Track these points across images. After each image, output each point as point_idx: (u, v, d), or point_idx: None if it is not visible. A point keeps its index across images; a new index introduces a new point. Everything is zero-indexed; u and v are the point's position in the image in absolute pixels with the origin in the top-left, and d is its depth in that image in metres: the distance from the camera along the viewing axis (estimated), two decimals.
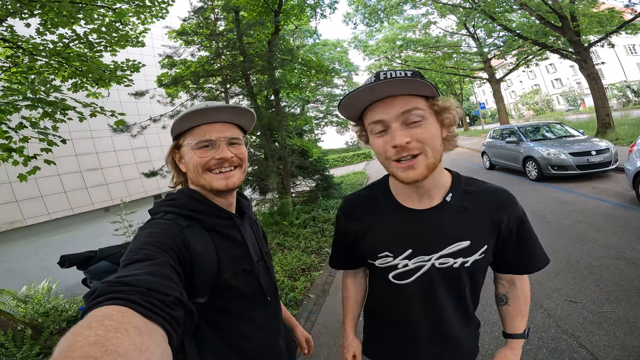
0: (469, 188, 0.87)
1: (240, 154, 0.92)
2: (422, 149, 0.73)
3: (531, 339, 2.48)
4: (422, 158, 0.74)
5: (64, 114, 3.79)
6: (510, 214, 0.84)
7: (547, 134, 8.67)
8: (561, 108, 36.94)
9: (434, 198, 0.85)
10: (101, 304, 0.46)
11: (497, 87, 18.89)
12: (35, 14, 3.49)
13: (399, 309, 0.93)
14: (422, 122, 0.73)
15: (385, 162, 0.78)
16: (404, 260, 0.86)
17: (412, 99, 0.73)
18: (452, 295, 0.88)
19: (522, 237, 0.87)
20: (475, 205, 0.84)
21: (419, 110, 0.72)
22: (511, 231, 0.85)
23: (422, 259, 0.85)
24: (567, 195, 6.05)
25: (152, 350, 0.40)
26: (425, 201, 0.85)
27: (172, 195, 0.90)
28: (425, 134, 0.73)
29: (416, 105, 0.73)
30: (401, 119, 0.73)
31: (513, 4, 12.30)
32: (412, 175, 0.74)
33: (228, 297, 0.87)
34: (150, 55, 10.01)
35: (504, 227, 0.84)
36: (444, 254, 0.83)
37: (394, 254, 0.87)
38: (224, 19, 6.89)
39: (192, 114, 0.84)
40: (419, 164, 0.74)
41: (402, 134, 0.72)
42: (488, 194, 0.86)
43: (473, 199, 0.85)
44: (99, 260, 0.93)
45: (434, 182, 0.83)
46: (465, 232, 0.82)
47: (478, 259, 0.83)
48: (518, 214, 0.85)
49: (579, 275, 3.26)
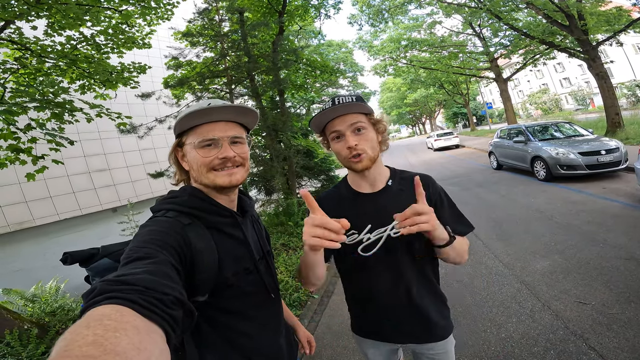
0: (404, 175, 1.19)
1: (242, 153, 0.91)
2: (363, 150, 1.05)
3: (539, 340, 2.45)
4: (365, 155, 1.05)
5: (72, 115, 3.83)
6: (434, 189, 1.15)
7: (556, 134, 8.57)
8: (570, 107, 36.46)
9: (379, 184, 1.15)
10: (100, 303, 0.46)
11: (504, 87, 18.71)
12: (42, 16, 3.53)
13: (369, 279, 1.14)
14: (364, 131, 1.06)
15: (344, 160, 1.08)
16: (366, 234, 1.05)
17: (357, 115, 1.06)
18: (411, 262, 1.11)
19: (442, 208, 1.14)
20: (409, 187, 1.09)
21: (361, 123, 1.05)
22: (435, 203, 1.12)
23: (380, 231, 1.03)
24: (576, 196, 5.97)
25: (151, 350, 0.40)
26: (373, 186, 1.15)
27: (174, 193, 0.91)
28: (367, 138, 1.06)
29: (359, 120, 1.05)
30: (351, 129, 1.05)
31: (519, 3, 12.18)
32: (360, 165, 1.06)
33: (229, 295, 0.86)
34: (156, 57, 10.11)
35: (430, 198, 1.11)
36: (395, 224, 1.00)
37: (359, 230, 1.06)
38: (228, 20, 6.92)
39: (195, 113, 0.84)
40: (363, 158, 1.05)
41: (353, 138, 1.04)
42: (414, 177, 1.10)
43: (406, 183, 1.14)
44: (101, 258, 0.93)
45: (376, 172, 1.13)
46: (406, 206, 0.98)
47: None
48: (437, 190, 1.15)
49: (589, 276, 3.21)
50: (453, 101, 36.23)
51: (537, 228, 4.71)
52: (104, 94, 4.86)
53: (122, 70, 4.65)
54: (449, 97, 34.38)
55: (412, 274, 1.12)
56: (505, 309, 2.92)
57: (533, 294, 3.08)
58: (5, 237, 9.04)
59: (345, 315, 3.39)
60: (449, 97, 34.51)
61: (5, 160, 3.69)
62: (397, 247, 1.09)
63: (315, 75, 9.62)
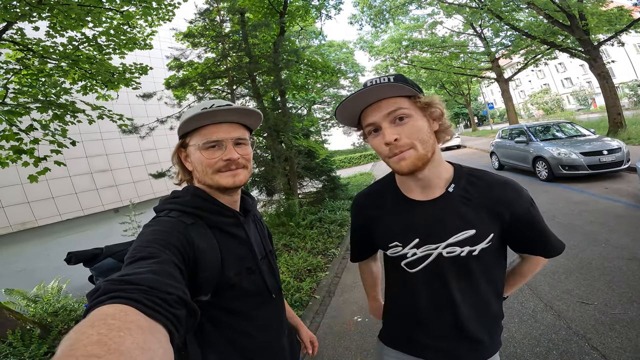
0: (472, 179, 0.90)
1: (246, 154, 0.92)
2: (411, 144, 0.80)
3: (541, 341, 2.44)
4: (412, 151, 0.80)
5: (74, 116, 3.84)
6: (516, 204, 0.86)
7: (558, 134, 8.55)
8: (571, 107, 36.39)
9: (436, 189, 0.89)
10: (104, 302, 0.46)
11: (505, 87, 18.68)
12: (43, 17, 3.55)
13: (411, 297, 0.96)
14: (408, 119, 0.80)
15: (384, 159, 0.85)
16: (412, 249, 0.90)
17: (396, 100, 0.81)
18: (464, 285, 0.90)
19: (532, 225, 0.88)
20: (479, 195, 0.87)
21: (402, 109, 0.80)
22: (520, 220, 0.86)
23: (429, 248, 0.88)
24: (579, 196, 5.95)
25: (155, 349, 0.40)
26: (427, 192, 0.90)
27: (176, 193, 0.91)
28: (412, 129, 0.80)
29: (399, 106, 0.80)
30: (388, 119, 0.80)
31: (520, 3, 12.15)
32: (404, 165, 0.81)
33: (231, 295, 0.87)
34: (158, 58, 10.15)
35: (510, 217, 0.85)
36: (451, 243, 0.86)
37: (403, 244, 0.92)
38: (229, 21, 6.94)
39: (200, 115, 0.84)
40: (409, 155, 0.80)
41: (391, 132, 0.79)
42: (492, 185, 0.88)
43: (476, 190, 0.88)
44: (105, 258, 0.93)
45: (433, 173, 0.87)
46: (469, 221, 0.85)
47: (485, 247, 0.86)
48: (524, 204, 0.86)
49: (591, 276, 3.20)
50: (454, 101, 36.16)
51: None
52: (106, 95, 4.88)
53: (123, 71, 4.66)
54: (450, 97, 34.31)
55: (464, 298, 0.90)
56: (507, 309, 2.91)
57: (535, 294, 3.07)
58: (8, 238, 9.08)
59: (346, 315, 3.39)
60: (450, 98, 34.43)
61: (6, 159, 3.70)
62: (450, 269, 0.89)
63: (317, 76, 9.62)
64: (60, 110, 3.38)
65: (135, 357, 0.36)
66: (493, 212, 0.85)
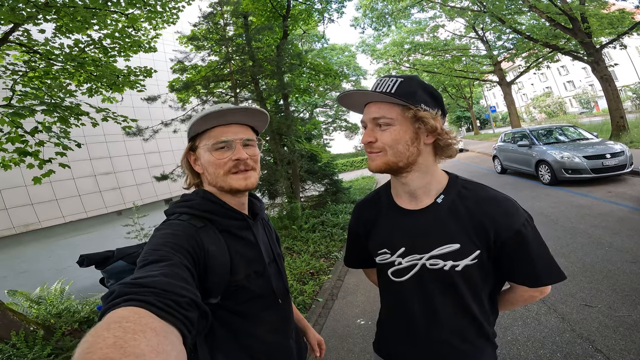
0: (464, 192, 0.87)
1: (254, 155, 0.93)
2: (383, 148, 0.84)
3: (545, 343, 2.44)
4: (381, 154, 0.85)
5: (78, 118, 3.87)
6: (503, 224, 0.80)
7: (560, 137, 8.53)
8: (574, 111, 36.28)
9: (424, 199, 0.89)
10: (119, 305, 0.48)
11: (507, 90, 18.69)
12: (49, 20, 3.58)
13: (397, 306, 0.96)
14: (387, 127, 0.83)
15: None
16: (398, 257, 0.91)
17: (385, 107, 0.83)
18: (449, 300, 0.87)
19: (518, 250, 0.81)
20: (468, 210, 0.84)
21: (385, 119, 0.83)
22: (505, 243, 0.81)
23: (414, 258, 0.88)
24: (582, 199, 5.93)
25: (168, 352, 0.41)
26: (415, 201, 0.91)
27: (187, 196, 0.93)
28: (388, 137, 0.83)
29: (384, 114, 0.83)
30: (373, 122, 0.85)
31: (522, 6, 12.17)
32: (371, 165, 0.88)
33: (240, 298, 0.88)
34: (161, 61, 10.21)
35: (494, 237, 0.81)
36: (434, 255, 0.85)
37: (391, 251, 0.92)
38: (233, 24, 6.99)
39: (208, 116, 0.86)
40: (377, 156, 0.85)
41: (369, 134, 0.85)
42: (482, 200, 0.84)
43: (465, 204, 0.85)
44: (116, 260, 0.95)
45: (419, 182, 0.88)
46: (455, 235, 0.83)
47: (470, 264, 0.82)
48: (511, 226, 0.80)
49: (594, 279, 3.19)
50: (456, 105, 36.17)
51: (542, 232, 4.62)
52: (111, 97, 4.92)
53: (128, 74, 4.70)
54: (452, 100, 34.34)
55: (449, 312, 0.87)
56: (510, 312, 2.90)
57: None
58: (11, 239, 9.10)
59: (350, 318, 3.38)
60: (452, 101, 34.46)
61: (9, 162, 3.73)
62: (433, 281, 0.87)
63: (319, 79, 9.67)
64: (65, 113, 3.41)
65: None
66: (479, 229, 0.82)
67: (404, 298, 0.93)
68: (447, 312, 0.87)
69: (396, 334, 0.99)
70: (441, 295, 0.87)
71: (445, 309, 0.87)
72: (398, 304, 0.96)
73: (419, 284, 0.89)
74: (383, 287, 1.03)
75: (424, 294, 0.88)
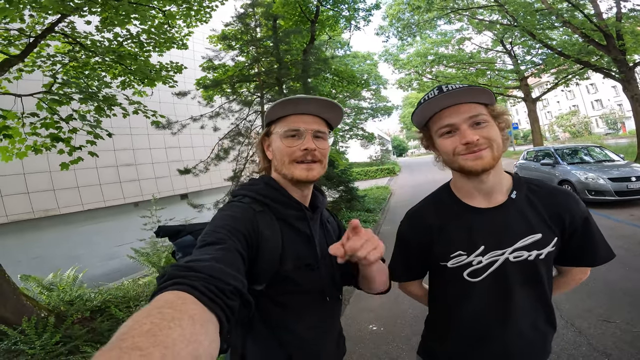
0: (533, 187, 0.94)
1: (323, 148, 0.93)
2: (489, 144, 0.85)
3: (561, 355, 2.46)
4: (489, 150, 0.84)
5: (111, 109, 3.96)
6: (575, 212, 0.90)
7: (585, 157, 8.28)
8: (599, 131, 35.26)
9: (499, 196, 0.92)
10: (168, 288, 0.50)
11: (532, 107, 18.26)
12: (94, 12, 3.70)
13: (472, 309, 0.95)
14: (485, 124, 0.85)
15: (454, 158, 0.88)
16: (477, 257, 0.91)
17: (476, 106, 0.86)
18: (529, 291, 0.92)
19: (587, 234, 0.91)
20: (542, 202, 0.91)
21: (482, 115, 0.85)
22: (576, 228, 0.90)
23: (495, 254, 0.90)
24: (604, 221, 5.77)
25: (201, 341, 0.42)
26: (490, 199, 0.93)
27: (252, 181, 0.97)
28: (491, 133, 0.85)
29: (480, 112, 0.85)
30: (469, 122, 0.85)
31: (555, 22, 11.92)
32: (479, 163, 0.84)
33: (285, 289, 0.87)
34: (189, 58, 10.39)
35: (569, 224, 0.89)
36: (518, 247, 0.88)
37: (467, 252, 0.92)
38: (262, 26, 7.07)
39: (284, 103, 0.87)
40: (486, 154, 0.84)
41: (472, 132, 0.84)
42: (553, 193, 0.93)
43: (539, 196, 0.92)
44: (186, 234, 0.99)
45: (496, 180, 0.91)
46: (535, 226, 0.89)
47: (551, 251, 0.89)
48: (583, 213, 0.90)
49: (614, 297, 3.17)
50: None
51: None
52: (142, 91, 5.02)
53: (160, 69, 4.80)
54: None
55: (527, 304, 0.92)
56: None
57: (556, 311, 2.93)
58: (29, 224, 9.31)
59: (362, 323, 3.34)
60: None
61: (41, 146, 3.83)
62: (513, 274, 0.90)
63: (342, 86, 9.69)
64: (102, 103, 3.49)
65: (178, 351, 0.37)
66: (555, 218, 0.89)
67: (481, 298, 0.93)
68: (526, 304, 0.92)
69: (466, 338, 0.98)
70: (521, 287, 0.91)
71: (526, 301, 0.92)
72: (475, 305, 0.95)
73: (497, 280, 0.91)
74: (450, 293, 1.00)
75: (503, 290, 0.91)
